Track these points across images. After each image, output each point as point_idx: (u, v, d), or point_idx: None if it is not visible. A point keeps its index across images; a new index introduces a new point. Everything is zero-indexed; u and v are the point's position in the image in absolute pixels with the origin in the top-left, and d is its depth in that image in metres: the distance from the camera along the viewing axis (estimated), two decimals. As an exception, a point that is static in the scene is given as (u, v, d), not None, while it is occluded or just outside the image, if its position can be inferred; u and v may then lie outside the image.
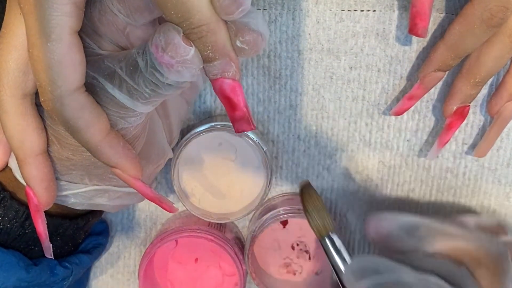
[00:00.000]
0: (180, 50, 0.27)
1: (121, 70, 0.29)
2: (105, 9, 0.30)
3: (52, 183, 0.34)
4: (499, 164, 0.44)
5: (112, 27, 0.31)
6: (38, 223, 0.35)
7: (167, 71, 0.28)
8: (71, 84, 0.28)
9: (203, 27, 0.27)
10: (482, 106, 0.43)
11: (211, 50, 0.27)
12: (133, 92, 0.30)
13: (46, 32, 0.27)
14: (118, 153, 0.32)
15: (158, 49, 0.28)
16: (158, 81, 0.29)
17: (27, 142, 0.32)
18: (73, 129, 0.30)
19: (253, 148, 0.42)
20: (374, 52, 0.41)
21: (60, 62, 0.28)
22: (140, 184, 0.34)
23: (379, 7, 0.40)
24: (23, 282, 0.36)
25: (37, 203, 0.34)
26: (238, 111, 0.29)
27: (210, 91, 0.43)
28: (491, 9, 0.34)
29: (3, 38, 0.31)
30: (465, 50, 0.37)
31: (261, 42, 0.28)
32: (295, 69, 0.42)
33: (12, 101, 0.31)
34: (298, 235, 0.46)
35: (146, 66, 0.29)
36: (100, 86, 0.30)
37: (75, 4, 0.28)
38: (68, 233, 0.39)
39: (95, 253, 0.43)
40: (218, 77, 0.28)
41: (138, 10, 0.30)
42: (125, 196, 0.37)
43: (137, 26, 0.31)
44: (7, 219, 0.36)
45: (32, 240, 0.37)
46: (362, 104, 0.43)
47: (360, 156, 0.44)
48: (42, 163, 0.33)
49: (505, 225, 0.37)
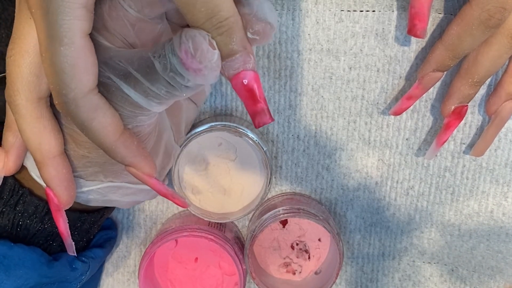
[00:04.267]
0: (208, 55, 0.28)
1: (136, 72, 0.30)
2: (116, 4, 0.30)
3: (71, 183, 0.34)
4: (497, 164, 0.44)
5: (121, 22, 0.31)
6: (60, 222, 0.36)
7: (194, 75, 0.29)
8: (85, 86, 0.29)
9: (230, 19, 0.27)
10: (480, 106, 0.43)
11: (235, 42, 0.28)
12: (148, 93, 0.30)
13: (58, 37, 0.28)
14: (132, 152, 0.32)
15: (188, 55, 0.28)
16: (177, 84, 0.30)
17: (44, 144, 0.33)
18: (88, 130, 0.30)
19: (253, 148, 0.42)
20: (373, 52, 0.42)
21: (73, 66, 0.28)
22: (154, 181, 0.34)
23: (378, 7, 0.41)
24: (45, 277, 0.36)
25: (58, 203, 0.34)
26: (259, 104, 0.29)
27: (210, 91, 0.44)
28: (489, 10, 0.34)
29: (15, 44, 0.31)
30: (464, 50, 0.37)
31: (271, 30, 0.29)
32: (294, 69, 0.42)
33: (27, 105, 0.32)
34: (297, 234, 0.46)
35: (164, 70, 0.29)
36: (116, 86, 0.30)
37: (86, 7, 0.28)
38: (85, 227, 0.39)
39: (107, 246, 0.44)
40: (240, 71, 0.29)
41: (149, 4, 0.31)
42: (137, 192, 0.38)
43: (146, 21, 0.32)
44: (27, 215, 0.36)
45: (51, 236, 0.38)
46: (361, 104, 0.43)
47: (359, 155, 0.44)
48: (60, 164, 0.34)
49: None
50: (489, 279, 0.47)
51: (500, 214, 0.45)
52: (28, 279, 0.35)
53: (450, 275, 0.48)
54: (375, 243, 0.47)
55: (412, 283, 0.48)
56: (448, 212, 0.46)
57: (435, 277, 0.48)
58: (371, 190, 0.45)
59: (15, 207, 0.36)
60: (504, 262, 0.47)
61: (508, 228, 0.46)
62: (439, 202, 0.46)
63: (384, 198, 0.46)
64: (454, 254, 0.47)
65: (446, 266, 0.48)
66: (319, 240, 0.46)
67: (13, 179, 0.37)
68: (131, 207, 0.47)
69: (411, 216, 0.46)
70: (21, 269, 0.35)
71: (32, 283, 0.35)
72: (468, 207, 0.46)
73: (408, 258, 0.48)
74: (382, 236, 0.47)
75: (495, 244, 0.46)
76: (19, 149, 0.36)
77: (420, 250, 0.47)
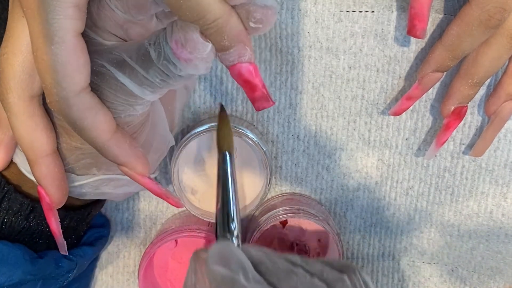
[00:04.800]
0: (199, 46, 0.28)
1: (131, 60, 0.30)
2: (103, 5, 0.31)
3: (63, 181, 0.35)
4: (496, 165, 0.44)
5: (110, 21, 0.31)
6: (52, 221, 0.36)
7: (184, 65, 0.29)
8: (77, 85, 0.29)
9: (218, 21, 0.27)
10: (480, 106, 0.43)
11: (227, 39, 0.28)
12: (143, 81, 0.30)
13: (49, 35, 0.28)
14: (125, 151, 0.32)
15: (178, 45, 0.28)
16: (170, 72, 0.30)
17: (36, 143, 0.33)
18: (80, 129, 0.31)
19: (253, 148, 0.42)
20: (373, 52, 0.42)
21: (65, 65, 0.28)
22: (147, 180, 0.35)
23: (378, 8, 0.41)
24: (29, 275, 0.36)
25: (50, 201, 0.34)
26: (257, 92, 0.30)
27: (210, 91, 0.44)
28: (489, 10, 0.34)
29: (8, 42, 0.31)
30: (463, 51, 0.37)
31: (272, 16, 0.29)
32: (295, 65, 0.42)
33: (20, 103, 0.32)
34: (297, 235, 0.46)
35: (159, 58, 0.29)
36: (110, 74, 0.30)
37: (78, 6, 0.28)
38: (72, 225, 0.39)
39: (98, 244, 0.44)
40: (235, 63, 0.29)
41: (135, 7, 0.31)
42: (129, 183, 0.38)
43: (135, 21, 0.32)
44: (12, 213, 0.36)
45: (36, 233, 0.37)
46: (361, 103, 0.43)
47: (359, 155, 0.45)
48: (52, 163, 0.34)
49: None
50: (489, 279, 0.47)
51: (500, 215, 0.45)
52: (11, 276, 0.35)
53: (450, 275, 0.48)
54: (375, 243, 0.47)
55: (412, 283, 0.48)
56: (447, 212, 0.46)
57: (435, 277, 0.48)
58: (371, 190, 0.45)
59: (0, 204, 0.36)
60: (504, 263, 0.47)
61: (507, 229, 0.46)
62: (438, 202, 0.46)
63: (384, 198, 0.46)
64: (454, 255, 0.47)
65: (446, 267, 0.48)
66: (319, 240, 0.46)
67: (0, 175, 0.37)
68: (131, 207, 0.47)
69: (411, 216, 0.46)
70: (5, 266, 0.35)
71: (15, 279, 0.35)
72: (467, 208, 0.46)
73: (408, 259, 0.48)
74: (382, 236, 0.47)
75: (494, 244, 0.46)
76: (7, 146, 0.35)
77: (420, 250, 0.47)
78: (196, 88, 0.44)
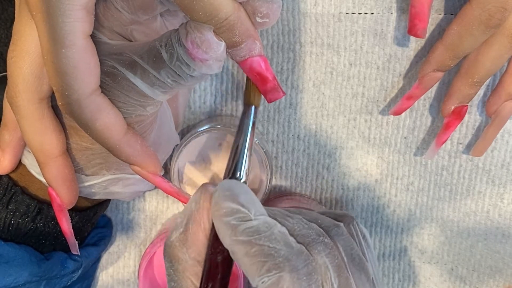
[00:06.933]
0: (214, 46, 0.29)
1: (143, 61, 0.30)
2: (109, 6, 0.31)
3: (73, 182, 0.35)
4: (493, 165, 0.44)
5: (116, 22, 0.31)
6: (63, 221, 0.36)
7: (199, 65, 0.29)
8: (88, 87, 0.29)
9: (230, 18, 0.28)
10: (478, 106, 0.43)
11: (238, 35, 0.29)
12: (155, 82, 0.31)
13: (59, 39, 0.28)
14: (137, 151, 0.33)
15: (194, 46, 0.29)
16: (182, 73, 0.30)
17: (46, 145, 0.33)
18: (91, 131, 0.31)
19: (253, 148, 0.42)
20: (373, 50, 0.42)
21: (75, 67, 0.28)
22: (159, 179, 0.35)
23: (377, 9, 0.41)
24: (35, 276, 0.36)
25: (60, 203, 0.35)
26: (269, 84, 0.30)
27: (210, 91, 0.44)
28: (489, 9, 0.34)
29: (16, 45, 0.31)
30: (464, 50, 0.37)
31: (277, 9, 0.30)
32: (296, 62, 0.42)
33: (29, 106, 0.32)
34: (297, 234, 0.46)
35: (171, 59, 0.29)
36: (122, 76, 0.30)
37: (86, 9, 0.28)
38: (78, 226, 0.39)
39: (101, 244, 0.44)
40: (247, 58, 0.30)
41: (141, 7, 0.31)
42: (138, 182, 0.38)
43: (141, 22, 0.32)
44: (19, 214, 0.36)
45: (43, 235, 0.37)
46: (361, 101, 0.43)
47: (359, 153, 0.45)
48: (62, 164, 0.34)
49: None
50: (489, 278, 0.48)
51: (496, 215, 0.46)
52: (17, 278, 0.35)
53: (450, 275, 0.48)
54: (375, 243, 0.47)
55: (412, 283, 0.48)
56: (447, 208, 0.46)
57: (435, 277, 0.48)
58: (371, 189, 0.46)
59: (7, 205, 0.36)
60: (502, 262, 0.47)
61: (504, 229, 0.46)
62: (438, 198, 0.46)
63: (384, 195, 0.46)
64: (453, 252, 0.47)
65: (445, 266, 0.48)
66: (319, 240, 0.46)
67: (8, 177, 0.37)
68: (131, 207, 0.47)
69: (412, 212, 0.46)
70: (11, 268, 0.35)
71: (21, 281, 0.35)
72: (465, 206, 0.46)
73: (408, 258, 0.48)
74: (382, 236, 0.47)
75: (492, 244, 0.46)
76: (15, 148, 0.36)
77: (420, 249, 0.47)
78: (196, 88, 0.44)
